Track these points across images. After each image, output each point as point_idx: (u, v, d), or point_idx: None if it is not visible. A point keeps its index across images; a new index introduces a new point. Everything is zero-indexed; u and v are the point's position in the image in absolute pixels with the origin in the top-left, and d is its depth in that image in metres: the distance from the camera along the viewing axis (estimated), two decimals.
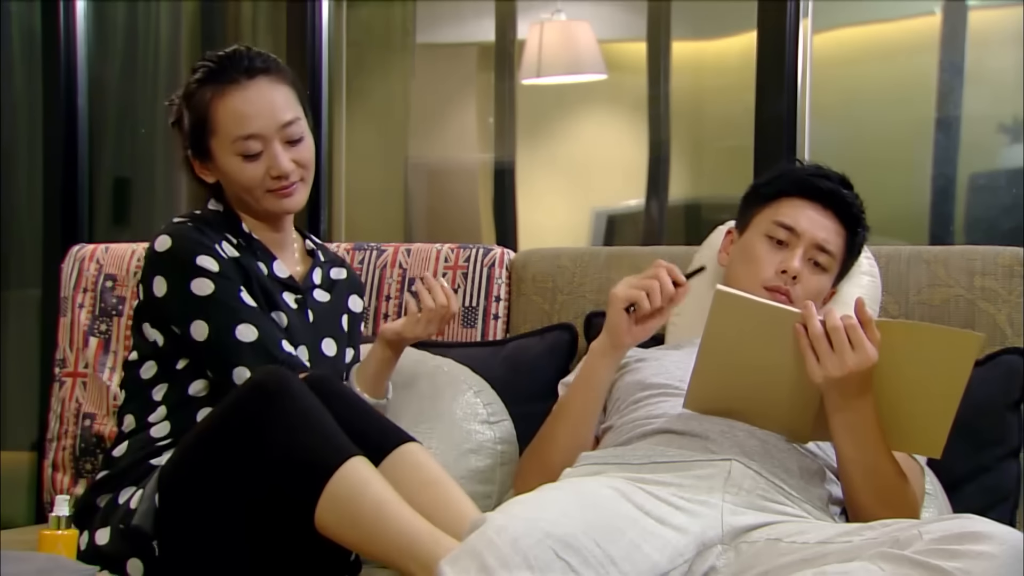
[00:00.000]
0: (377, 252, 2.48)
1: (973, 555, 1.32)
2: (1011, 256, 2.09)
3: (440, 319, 1.98)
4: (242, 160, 1.89)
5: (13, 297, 3.48)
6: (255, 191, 1.92)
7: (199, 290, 1.84)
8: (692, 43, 3.36)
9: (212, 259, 1.85)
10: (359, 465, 1.62)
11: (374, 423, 1.79)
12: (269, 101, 1.90)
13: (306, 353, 1.94)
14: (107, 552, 1.81)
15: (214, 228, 1.92)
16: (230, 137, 1.89)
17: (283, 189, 1.91)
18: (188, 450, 1.74)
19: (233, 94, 1.89)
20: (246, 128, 1.88)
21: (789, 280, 1.88)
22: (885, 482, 1.67)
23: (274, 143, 1.89)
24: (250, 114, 1.88)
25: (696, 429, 1.73)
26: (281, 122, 1.90)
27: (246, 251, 1.94)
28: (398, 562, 1.59)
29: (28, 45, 3.46)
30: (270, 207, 1.94)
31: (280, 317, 1.92)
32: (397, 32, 3.64)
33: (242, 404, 1.68)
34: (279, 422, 1.63)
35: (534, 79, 3.45)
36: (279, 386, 1.66)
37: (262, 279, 1.93)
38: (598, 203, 3.48)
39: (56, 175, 3.11)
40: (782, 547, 1.53)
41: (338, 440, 1.64)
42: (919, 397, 1.64)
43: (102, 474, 1.92)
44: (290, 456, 1.62)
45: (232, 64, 1.91)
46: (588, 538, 1.43)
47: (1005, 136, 2.80)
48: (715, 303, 1.65)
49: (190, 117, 1.92)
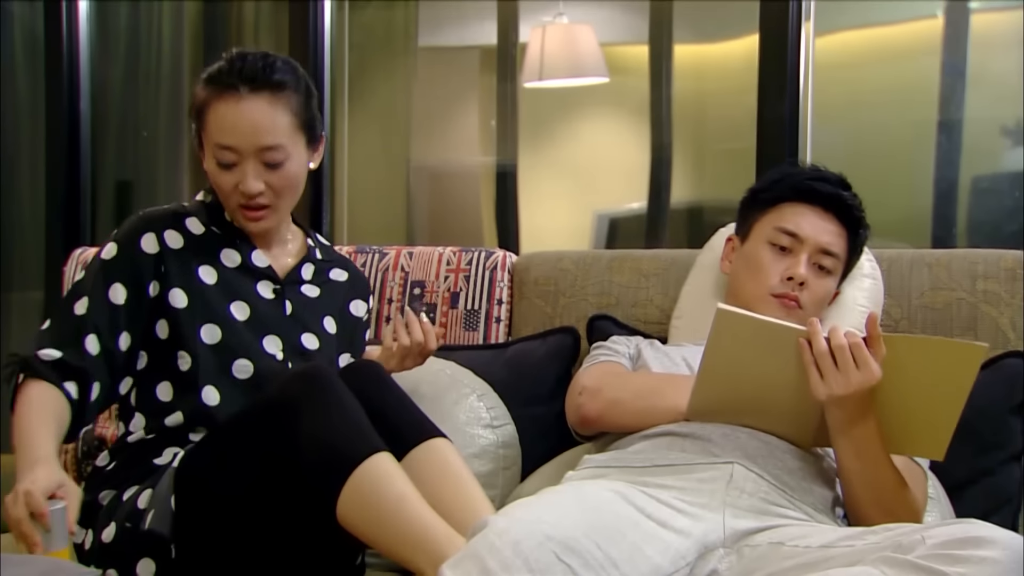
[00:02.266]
0: (379, 255, 2.48)
1: (976, 560, 1.32)
2: (1013, 259, 2.09)
3: (416, 355, 2.00)
4: (217, 166, 1.91)
5: (15, 299, 3.49)
6: (227, 200, 1.94)
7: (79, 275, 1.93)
8: (694, 46, 3.36)
9: (116, 247, 1.90)
10: (384, 460, 1.65)
11: (407, 415, 1.83)
12: (255, 121, 1.87)
13: (279, 343, 1.95)
14: (114, 551, 1.81)
15: (179, 214, 1.94)
16: (211, 140, 1.90)
17: (251, 210, 1.92)
18: (215, 440, 1.78)
19: (224, 102, 1.87)
20: (224, 138, 1.88)
21: (796, 286, 1.88)
22: (887, 493, 1.67)
23: (249, 161, 1.88)
24: (231, 128, 1.87)
25: (698, 432, 1.73)
26: (260, 145, 1.87)
27: (218, 238, 1.96)
28: (410, 557, 1.61)
29: (31, 48, 3.46)
30: (239, 221, 1.96)
31: (241, 307, 1.93)
32: (399, 35, 3.64)
33: (280, 394, 1.72)
34: (311, 412, 1.67)
35: (536, 82, 3.45)
36: (315, 378, 1.71)
37: (224, 268, 1.94)
38: (600, 206, 3.48)
39: (58, 178, 3.12)
40: (785, 551, 1.53)
41: (366, 434, 1.67)
42: (923, 404, 1.64)
43: (104, 463, 1.93)
44: (318, 446, 1.65)
45: (243, 70, 1.88)
46: (589, 540, 1.43)
47: (1007, 139, 2.80)
48: (716, 322, 1.65)
49: (195, 102, 1.93)
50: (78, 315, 1.86)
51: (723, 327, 1.65)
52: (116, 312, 1.87)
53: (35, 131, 3.30)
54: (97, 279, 1.88)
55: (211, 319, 1.90)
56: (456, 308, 2.39)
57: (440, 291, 2.40)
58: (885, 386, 1.62)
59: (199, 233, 1.94)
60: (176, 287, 1.89)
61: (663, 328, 2.23)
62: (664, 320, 2.24)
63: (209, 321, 1.89)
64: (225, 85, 1.88)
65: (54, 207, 3.12)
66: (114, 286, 1.87)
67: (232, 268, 1.95)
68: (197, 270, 1.92)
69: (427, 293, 2.42)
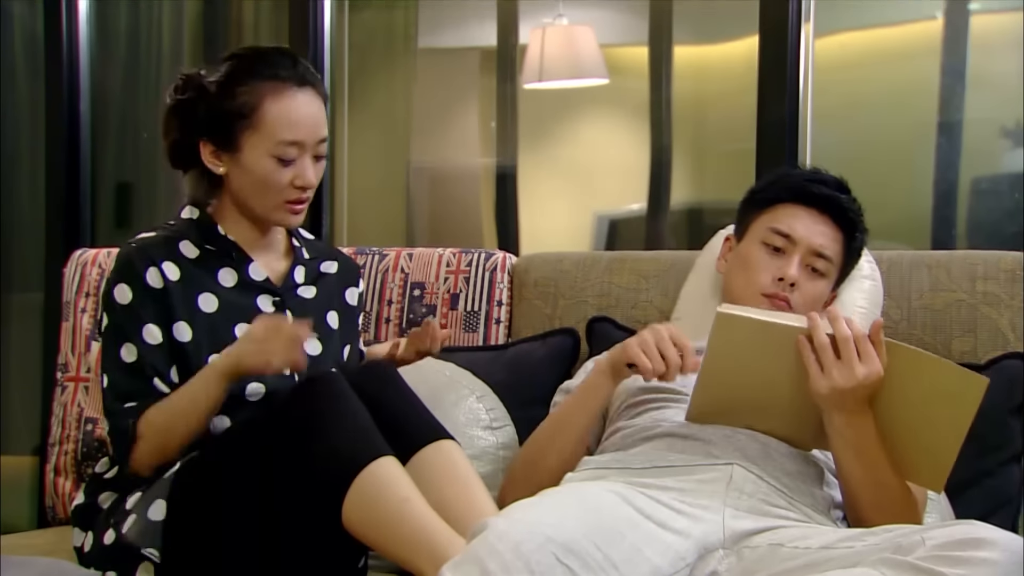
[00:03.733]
0: (379, 256, 2.48)
1: (976, 562, 1.32)
2: (1013, 260, 2.09)
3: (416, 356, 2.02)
4: (276, 163, 1.88)
5: (15, 301, 3.49)
6: (274, 198, 1.90)
7: (103, 324, 1.88)
8: (694, 47, 3.36)
9: (129, 288, 1.85)
10: (388, 464, 1.66)
11: (415, 416, 1.83)
12: (314, 114, 1.90)
13: None
14: (114, 554, 1.81)
15: (172, 240, 1.90)
16: (274, 139, 1.87)
17: (298, 202, 1.91)
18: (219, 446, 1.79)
19: (288, 97, 1.87)
20: (293, 134, 1.87)
21: (787, 287, 1.88)
22: (886, 494, 1.67)
23: (307, 155, 1.89)
24: (299, 122, 1.87)
25: (698, 433, 1.73)
26: (320, 137, 1.90)
27: (216, 256, 1.93)
28: (411, 559, 1.62)
29: (30, 49, 3.46)
30: (276, 219, 1.93)
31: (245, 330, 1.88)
32: (399, 36, 3.64)
33: (287, 402, 1.74)
34: (317, 419, 1.69)
35: (536, 83, 3.45)
36: (321, 386, 1.73)
37: (223, 291, 1.91)
38: (600, 207, 3.49)
39: (58, 179, 3.11)
40: (784, 552, 1.53)
41: (371, 439, 1.69)
42: (923, 428, 1.63)
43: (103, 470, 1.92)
44: (324, 452, 1.66)
45: (284, 66, 1.89)
46: (589, 542, 1.43)
47: (1007, 140, 2.80)
48: (717, 324, 1.65)
49: (225, 104, 1.88)
50: (132, 363, 1.84)
51: (723, 329, 1.65)
52: (159, 351, 1.85)
53: (35, 132, 3.30)
54: (129, 324, 1.85)
55: (218, 349, 1.86)
56: (456, 309, 2.39)
57: (440, 292, 2.40)
58: (886, 401, 1.62)
59: (194, 257, 1.91)
60: (181, 320, 1.87)
61: None
62: (664, 321, 2.23)
63: (216, 352, 1.86)
64: (281, 79, 1.88)
65: (54, 209, 3.12)
66: (147, 327, 1.85)
67: (231, 288, 1.92)
68: (197, 299, 1.89)
69: (427, 295, 2.42)
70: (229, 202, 1.95)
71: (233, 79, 1.89)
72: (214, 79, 1.90)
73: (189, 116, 1.91)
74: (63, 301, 2.54)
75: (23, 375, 3.32)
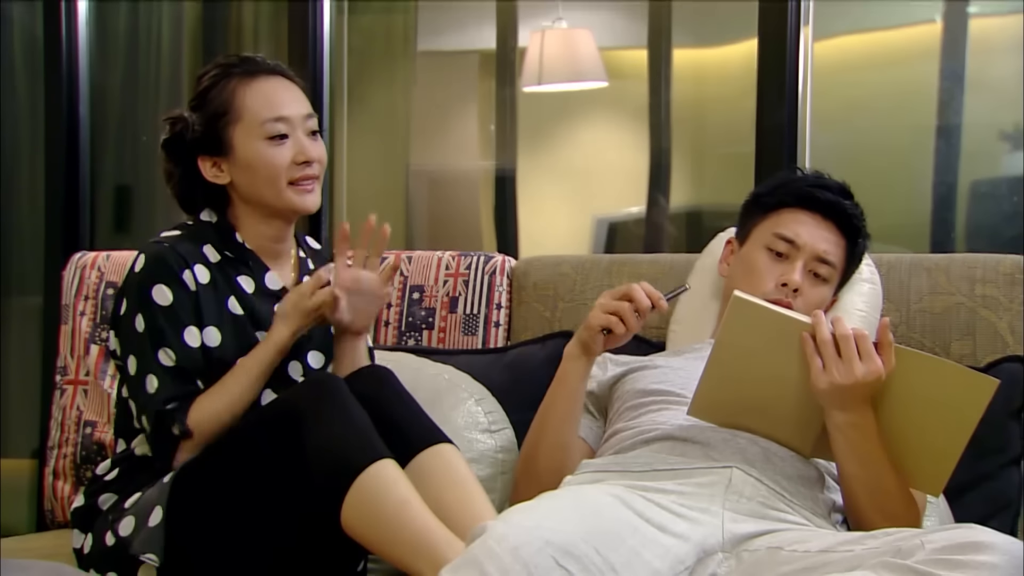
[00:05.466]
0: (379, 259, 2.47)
1: (975, 565, 1.32)
2: (1012, 264, 2.09)
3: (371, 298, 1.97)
4: (269, 144, 1.88)
5: (14, 304, 3.49)
6: (279, 180, 1.89)
7: (139, 325, 1.84)
8: (693, 51, 3.36)
9: (168, 290, 1.83)
10: (387, 467, 1.67)
11: (415, 420, 1.84)
12: (292, 91, 1.94)
13: (300, 368, 1.96)
14: (114, 555, 1.81)
15: (197, 241, 1.90)
16: (258, 120, 1.89)
17: (306, 180, 1.91)
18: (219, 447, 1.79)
19: (261, 81, 1.92)
20: (276, 110, 1.90)
21: (790, 293, 1.88)
22: (886, 497, 1.67)
23: (299, 130, 1.91)
24: (277, 99, 1.91)
25: (697, 436, 1.73)
26: (305, 111, 1.93)
27: (234, 263, 1.93)
28: (410, 562, 1.63)
29: (30, 52, 3.46)
30: (290, 202, 1.91)
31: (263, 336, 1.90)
32: (399, 39, 3.65)
33: (286, 403, 1.75)
34: (317, 421, 1.69)
35: (535, 86, 3.45)
36: (321, 387, 1.74)
37: (246, 296, 1.92)
38: (599, 210, 3.49)
39: (57, 182, 3.11)
40: (783, 555, 1.53)
41: (370, 441, 1.69)
42: (926, 433, 1.63)
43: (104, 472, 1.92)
44: (323, 454, 1.67)
45: (251, 62, 1.95)
46: (588, 545, 1.43)
47: (1006, 144, 2.81)
48: (731, 307, 1.65)
49: (205, 113, 1.90)
50: (173, 365, 1.83)
51: (737, 314, 1.65)
52: (198, 352, 1.85)
53: (34, 135, 3.30)
54: (170, 326, 1.83)
55: (243, 353, 1.87)
56: (455, 312, 2.39)
57: (439, 295, 2.40)
58: (891, 404, 1.61)
59: (217, 261, 1.91)
60: (210, 326, 1.87)
61: (661, 332, 2.23)
62: (662, 324, 2.24)
63: (241, 356, 1.87)
64: (250, 70, 1.92)
65: (53, 211, 3.11)
66: (188, 329, 1.84)
67: (251, 295, 1.93)
68: (227, 303, 1.89)
69: (426, 297, 2.42)
70: (243, 209, 1.95)
71: (205, 89, 1.92)
72: (183, 112, 1.94)
73: (180, 146, 1.93)
74: (62, 304, 2.54)
75: (22, 378, 3.31)
